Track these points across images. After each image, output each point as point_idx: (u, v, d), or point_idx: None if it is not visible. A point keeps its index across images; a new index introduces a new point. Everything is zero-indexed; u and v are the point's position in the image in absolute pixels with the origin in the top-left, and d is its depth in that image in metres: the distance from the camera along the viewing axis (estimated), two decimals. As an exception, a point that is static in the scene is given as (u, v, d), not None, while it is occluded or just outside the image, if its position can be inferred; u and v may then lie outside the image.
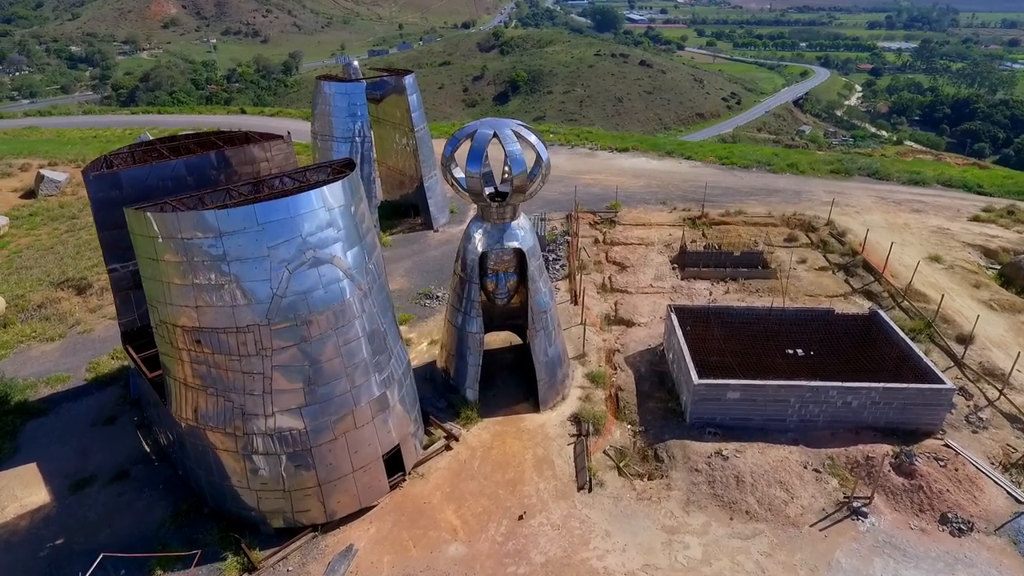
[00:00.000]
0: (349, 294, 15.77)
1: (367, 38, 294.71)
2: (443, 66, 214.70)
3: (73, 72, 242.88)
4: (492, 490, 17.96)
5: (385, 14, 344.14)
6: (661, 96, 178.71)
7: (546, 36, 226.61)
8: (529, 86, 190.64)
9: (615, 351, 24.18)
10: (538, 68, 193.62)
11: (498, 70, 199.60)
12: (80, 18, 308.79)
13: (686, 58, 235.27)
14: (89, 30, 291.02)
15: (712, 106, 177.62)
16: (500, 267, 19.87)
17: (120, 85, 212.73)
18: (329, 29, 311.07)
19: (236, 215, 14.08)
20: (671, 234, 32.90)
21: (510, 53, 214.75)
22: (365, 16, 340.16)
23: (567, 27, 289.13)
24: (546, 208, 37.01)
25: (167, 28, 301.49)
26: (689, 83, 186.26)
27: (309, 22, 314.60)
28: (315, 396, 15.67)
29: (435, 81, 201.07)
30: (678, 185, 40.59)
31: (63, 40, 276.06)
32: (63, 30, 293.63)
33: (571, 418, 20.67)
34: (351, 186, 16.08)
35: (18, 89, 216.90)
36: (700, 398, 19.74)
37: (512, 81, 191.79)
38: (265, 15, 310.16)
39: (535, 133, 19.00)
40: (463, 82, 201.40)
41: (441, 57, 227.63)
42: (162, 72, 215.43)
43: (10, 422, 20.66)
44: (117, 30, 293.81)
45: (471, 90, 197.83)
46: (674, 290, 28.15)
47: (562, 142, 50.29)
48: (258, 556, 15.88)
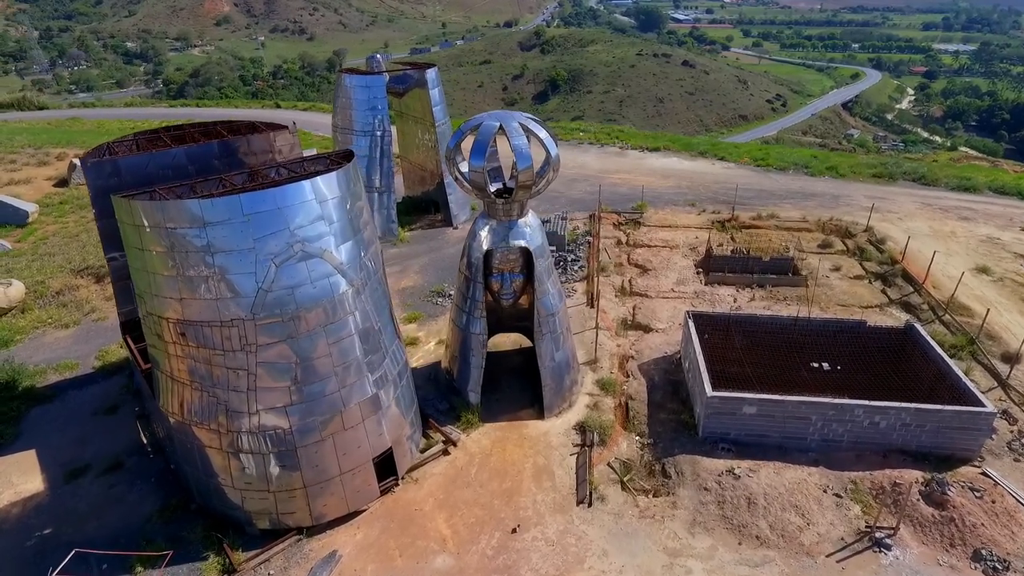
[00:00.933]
0: (340, 290, 15.15)
1: (411, 36, 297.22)
2: (483, 64, 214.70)
3: (128, 67, 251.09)
4: (487, 499, 17.15)
5: (429, 13, 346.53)
6: (703, 97, 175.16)
7: (588, 35, 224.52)
8: (569, 85, 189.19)
9: (629, 357, 23.10)
10: (578, 67, 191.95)
11: (538, 69, 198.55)
12: (136, 15, 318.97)
13: (731, 59, 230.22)
14: (144, 27, 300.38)
15: (756, 108, 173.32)
16: (506, 266, 19.03)
17: (171, 80, 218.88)
18: (374, 27, 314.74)
19: (221, 205, 13.57)
20: (697, 237, 31.55)
21: (551, 52, 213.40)
22: (409, 15, 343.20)
23: (610, 27, 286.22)
24: (570, 207, 36.02)
25: (219, 25, 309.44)
26: (732, 84, 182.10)
27: (354, 20, 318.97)
28: (302, 395, 15.10)
29: (475, 79, 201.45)
30: (709, 186, 39.09)
31: (119, 36, 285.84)
32: (120, 27, 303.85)
33: (576, 427, 19.71)
34: (347, 178, 15.47)
35: (76, 83, 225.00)
36: (713, 411, 18.56)
37: (552, 80, 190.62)
38: (312, 13, 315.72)
39: (544, 127, 18.11)
40: (503, 80, 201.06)
41: (482, 55, 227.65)
42: (212, 68, 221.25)
43: (15, 408, 20.73)
44: (170, 27, 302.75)
45: (510, 89, 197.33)
46: (696, 295, 26.87)
47: (592, 140, 49.13)
48: (240, 557, 15.41)
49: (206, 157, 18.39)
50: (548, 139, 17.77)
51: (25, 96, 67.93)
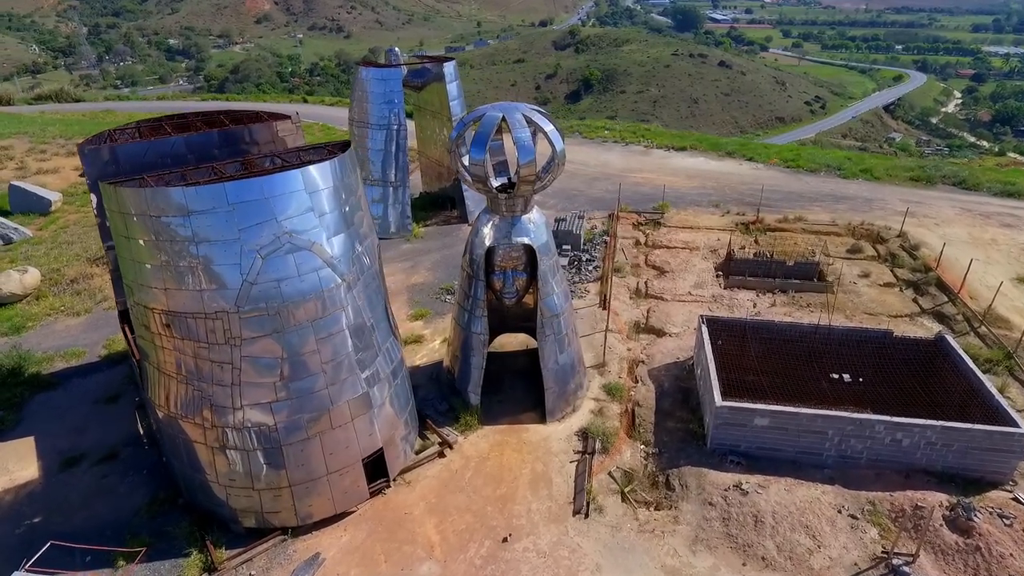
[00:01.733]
0: (330, 284, 14.63)
1: (446, 35, 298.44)
2: (517, 63, 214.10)
3: (171, 63, 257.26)
4: (480, 506, 16.48)
5: (465, 11, 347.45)
6: (739, 98, 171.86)
7: (623, 35, 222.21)
8: (602, 85, 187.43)
9: (639, 362, 22.20)
10: (612, 67, 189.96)
11: (571, 68, 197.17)
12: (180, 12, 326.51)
13: (769, 59, 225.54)
14: (188, 24, 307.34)
15: (793, 110, 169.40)
16: (508, 264, 18.34)
17: (212, 76, 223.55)
18: (410, 26, 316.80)
19: (205, 193, 13.17)
20: (719, 239, 30.40)
21: (585, 51, 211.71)
22: (445, 13, 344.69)
23: (646, 26, 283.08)
24: (589, 206, 35.16)
25: (259, 23, 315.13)
26: (770, 85, 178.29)
27: (391, 19, 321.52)
28: (288, 391, 14.64)
29: (508, 78, 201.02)
30: (735, 187, 37.78)
31: (163, 33, 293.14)
32: (164, 23, 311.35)
33: (579, 432, 18.93)
34: (340, 169, 14.98)
35: (121, 78, 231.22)
36: (723, 422, 17.59)
37: (585, 80, 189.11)
38: (350, 11, 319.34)
39: (551, 120, 17.37)
40: (536, 80, 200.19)
41: (516, 54, 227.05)
42: (251, 65, 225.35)
43: (18, 394, 20.78)
44: (213, 24, 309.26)
45: (543, 88, 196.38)
46: (714, 299, 25.80)
47: (617, 139, 48.05)
48: (222, 555, 15.04)
49: (206, 146, 18.07)
50: (554, 133, 17.02)
51: (63, 88, 69.56)
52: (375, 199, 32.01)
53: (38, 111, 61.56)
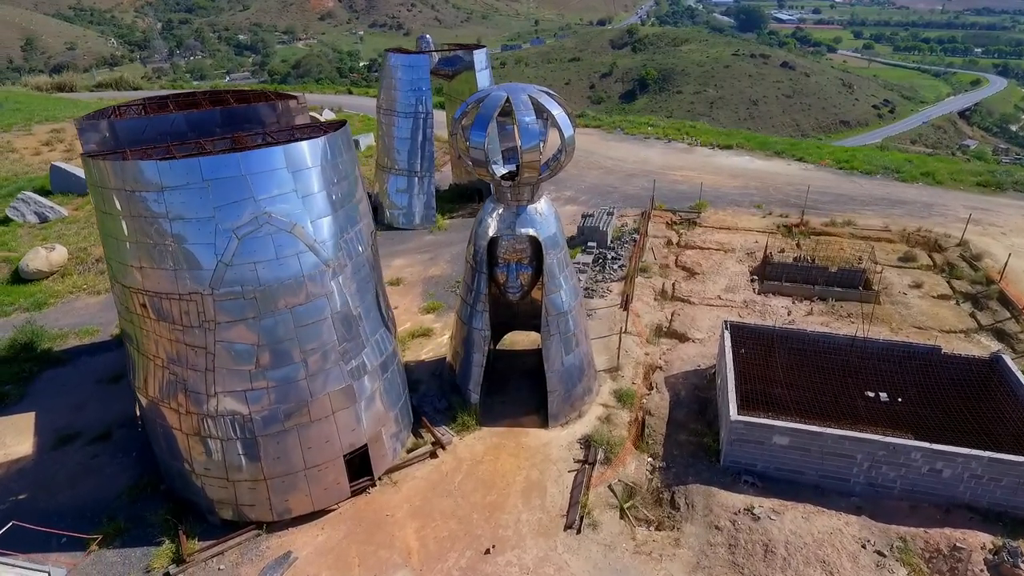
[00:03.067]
0: (311, 270, 13.85)
1: (503, 33, 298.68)
2: (572, 62, 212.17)
3: (238, 58, 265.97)
4: (466, 512, 15.44)
5: (523, 10, 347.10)
6: (802, 100, 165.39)
7: (682, 34, 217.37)
8: (658, 85, 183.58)
9: (656, 368, 20.74)
10: (669, 66, 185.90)
11: (627, 67, 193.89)
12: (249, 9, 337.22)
13: (836, 61, 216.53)
14: (256, 20, 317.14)
15: (860, 113, 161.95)
16: (512, 256, 17.21)
17: (275, 71, 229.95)
18: (468, 24, 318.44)
19: (179, 168, 12.53)
20: (757, 241, 28.48)
21: (642, 51, 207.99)
22: (504, 12, 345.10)
23: (707, 26, 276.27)
24: (623, 203, 33.66)
25: (323, 20, 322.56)
26: (836, 88, 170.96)
27: (449, 17, 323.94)
28: (264, 380, 13.92)
29: (562, 77, 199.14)
30: (780, 188, 35.55)
31: (233, 29, 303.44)
32: (234, 20, 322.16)
33: (582, 440, 17.66)
34: (329, 148, 14.17)
35: (191, 72, 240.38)
36: (738, 438, 16.04)
37: (641, 79, 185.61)
38: (410, 9, 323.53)
39: (560, 104, 16.15)
40: (590, 79, 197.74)
41: (571, 53, 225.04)
42: (312, 60, 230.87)
43: (27, 369, 20.90)
44: (279, 21, 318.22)
45: (598, 87, 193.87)
46: (746, 305, 24.03)
47: (659, 135, 46.18)
48: (193, 547, 14.46)
49: (207, 124, 17.60)
50: (563, 117, 15.80)
51: (122, 76, 72.05)
52: (400, 189, 31.39)
53: (96, 97, 63.80)
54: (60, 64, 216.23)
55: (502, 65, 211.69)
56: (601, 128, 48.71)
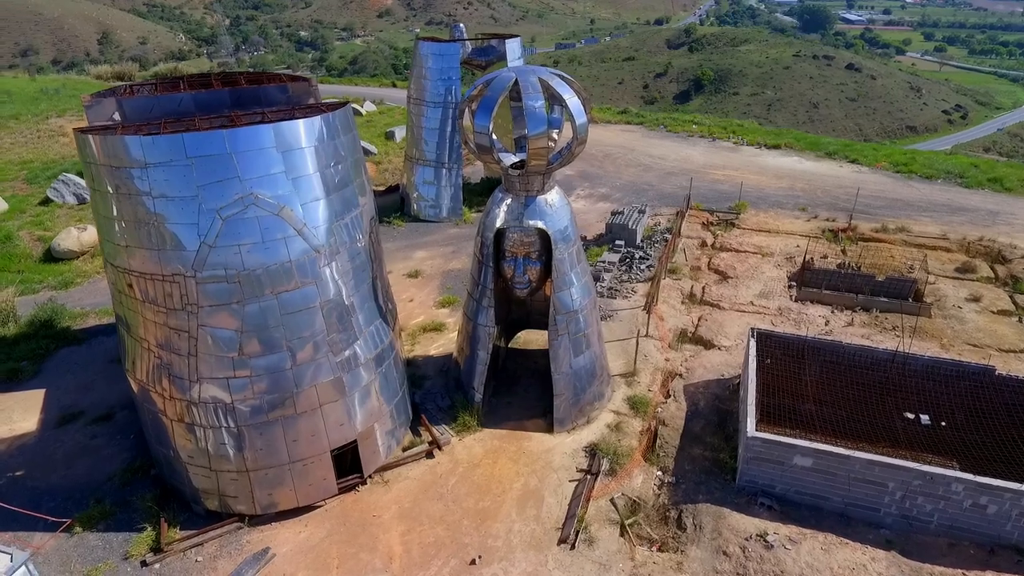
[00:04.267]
0: (299, 255, 13.23)
1: (558, 31, 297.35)
2: (627, 61, 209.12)
3: (298, 54, 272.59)
4: (456, 518, 14.59)
5: (579, 9, 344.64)
6: (866, 104, 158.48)
7: (741, 34, 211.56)
8: (714, 86, 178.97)
9: (676, 375, 19.44)
10: (727, 67, 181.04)
11: (683, 67, 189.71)
12: (311, 6, 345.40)
13: (905, 64, 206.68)
14: (317, 17, 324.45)
15: (928, 119, 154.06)
16: (520, 250, 16.25)
17: (333, 67, 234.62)
18: (523, 22, 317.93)
19: (162, 144, 12.05)
20: (798, 245, 26.69)
21: (699, 50, 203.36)
22: (559, 10, 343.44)
23: (769, 26, 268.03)
24: (659, 201, 32.24)
25: (381, 17, 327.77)
26: (903, 91, 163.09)
27: (505, 15, 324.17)
28: (247, 368, 13.38)
29: (616, 76, 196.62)
30: (829, 191, 33.42)
31: (295, 26, 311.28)
32: (296, 17, 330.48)
33: (588, 448, 16.58)
34: (323, 129, 13.53)
35: (253, 67, 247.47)
36: (755, 456, 14.69)
37: (696, 80, 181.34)
38: (466, 7, 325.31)
39: (574, 89, 15.09)
40: (644, 78, 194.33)
41: (626, 52, 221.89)
42: (368, 57, 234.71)
43: (44, 346, 21.10)
44: (339, 18, 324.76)
45: (651, 87, 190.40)
46: (780, 312, 22.42)
47: (704, 134, 44.32)
48: (174, 535, 14.08)
49: (215, 103, 17.21)
50: (576, 105, 14.74)
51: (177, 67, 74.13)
52: (427, 180, 30.80)
53: (153, 87, 65.58)
54: (133, 57, 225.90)
55: (555, 64, 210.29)
56: (643, 125, 47.13)
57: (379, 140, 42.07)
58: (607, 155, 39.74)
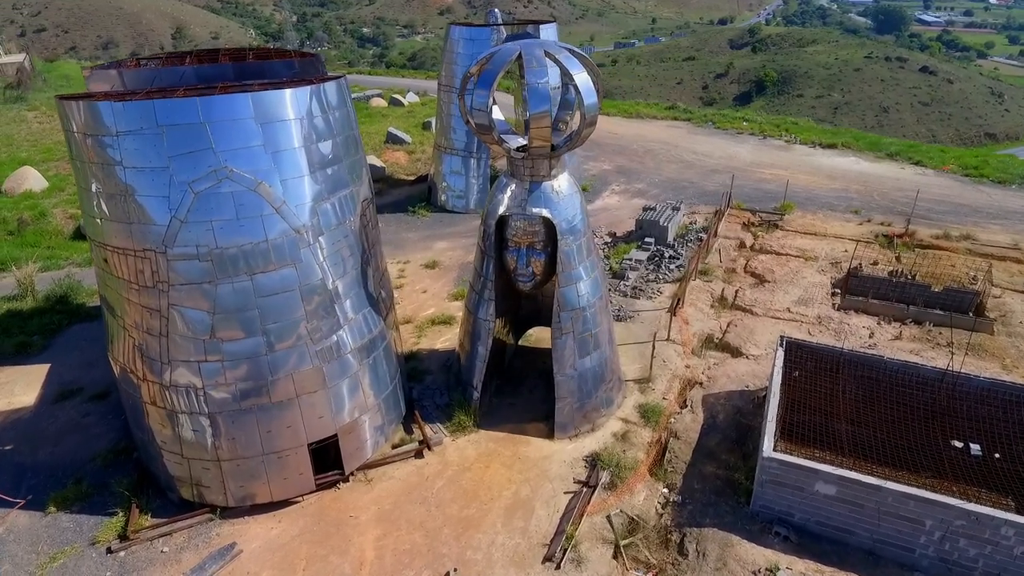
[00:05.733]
0: (276, 235, 12.42)
1: (618, 31, 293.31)
2: (687, 61, 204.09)
3: (360, 50, 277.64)
4: (437, 525, 13.53)
5: (640, 8, 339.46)
6: (941, 109, 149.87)
7: (809, 35, 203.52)
8: (777, 87, 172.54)
9: (696, 384, 17.87)
10: (791, 68, 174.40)
11: (745, 68, 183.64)
12: (375, 4, 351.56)
13: (987, 68, 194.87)
14: (380, 15, 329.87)
15: (1010, 126, 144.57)
16: (523, 240, 15.04)
17: (392, 63, 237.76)
18: (583, 21, 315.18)
19: (133, 111, 11.40)
20: (847, 250, 24.54)
21: (763, 51, 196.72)
22: (620, 9, 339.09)
23: (840, 27, 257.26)
24: (698, 199, 30.44)
25: (442, 15, 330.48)
26: (983, 97, 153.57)
27: (565, 13, 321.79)
28: (219, 352, 12.65)
29: (674, 76, 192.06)
30: (887, 193, 30.86)
31: (358, 22, 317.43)
32: (360, 14, 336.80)
33: (589, 457, 15.25)
34: (314, 101, 12.75)
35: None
36: (771, 479, 13.09)
37: (758, 81, 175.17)
38: (526, 5, 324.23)
39: (588, 66, 13.79)
40: (704, 79, 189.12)
41: (687, 52, 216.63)
42: (427, 53, 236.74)
43: (56, 321, 21.14)
44: (401, 15, 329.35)
45: (711, 88, 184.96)
46: (819, 321, 20.48)
47: (754, 131, 41.96)
48: (143, 523, 13.50)
49: (218, 77, 16.46)
50: (585, 82, 13.43)
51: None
52: (455, 170, 29.89)
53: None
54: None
55: (613, 63, 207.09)
56: (691, 121, 45.07)
57: (416, 130, 41.48)
58: (648, 150, 38.00)
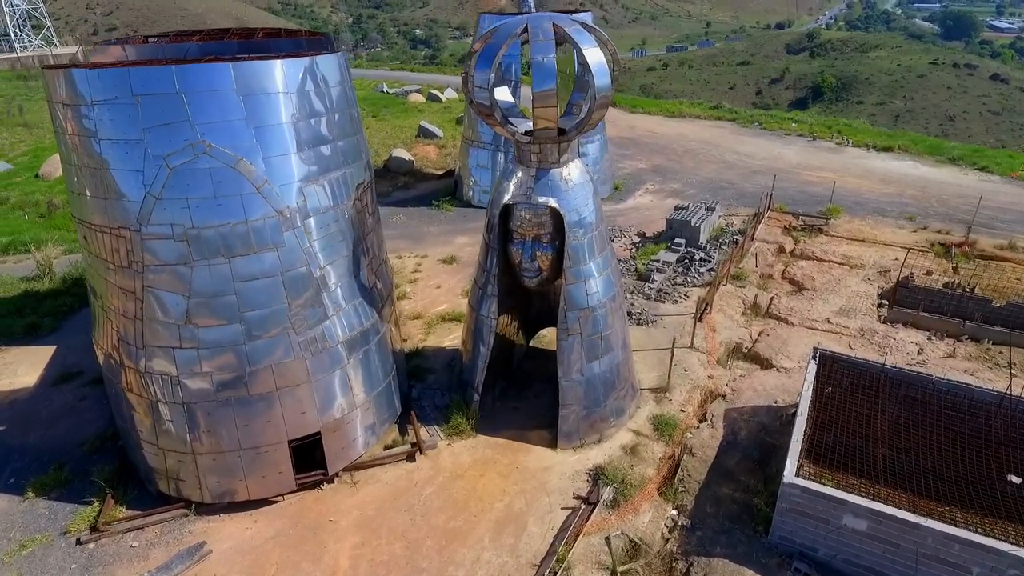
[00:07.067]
0: (257, 216, 11.64)
1: (671, 34, 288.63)
2: (740, 65, 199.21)
3: (412, 51, 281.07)
4: (420, 536, 12.50)
5: (695, 11, 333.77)
6: (1013, 119, 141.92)
7: (871, 40, 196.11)
8: (835, 94, 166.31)
9: (718, 396, 16.39)
10: (852, 74, 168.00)
11: (802, 73, 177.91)
12: (428, 6, 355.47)
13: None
14: (433, 17, 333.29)
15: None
16: (528, 231, 13.90)
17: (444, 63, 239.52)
18: (636, 24, 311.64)
19: (108, 79, 10.75)
20: (897, 258, 22.52)
21: (821, 56, 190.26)
22: (674, 12, 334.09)
23: (905, 32, 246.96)
24: (737, 201, 28.72)
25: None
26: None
27: (617, 17, 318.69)
28: (194, 339, 11.94)
29: (727, 80, 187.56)
30: (947, 200, 28.50)
31: (412, 24, 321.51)
32: (413, 16, 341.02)
33: (593, 471, 13.99)
34: (305, 74, 11.97)
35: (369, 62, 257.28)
36: (792, 508, 11.61)
37: (816, 87, 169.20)
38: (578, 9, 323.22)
39: (602, 42, 12.62)
40: (758, 84, 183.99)
41: (741, 56, 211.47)
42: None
43: (69, 304, 21.05)
44: (453, 18, 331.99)
45: (765, 93, 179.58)
46: (862, 334, 18.68)
47: (803, 132, 39.73)
48: (116, 515, 12.90)
49: (222, 53, 16.04)
50: (596, 56, 12.25)
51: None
52: (481, 164, 28.95)
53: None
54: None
55: (664, 67, 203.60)
56: (736, 121, 43.06)
57: (449, 125, 40.78)
58: (688, 150, 36.30)
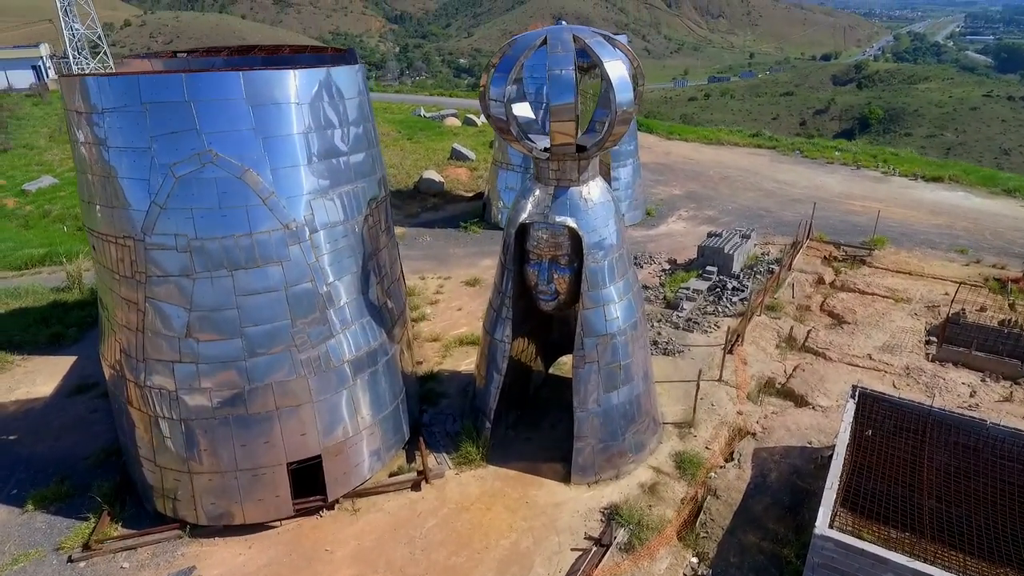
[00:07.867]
0: (262, 228, 11.31)
1: (714, 65, 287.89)
2: (784, 96, 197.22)
3: (455, 80, 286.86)
4: (417, 572, 11.74)
5: (739, 42, 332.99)
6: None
7: (921, 72, 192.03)
8: (883, 125, 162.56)
9: (749, 434, 15.31)
10: (900, 106, 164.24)
11: (848, 104, 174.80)
12: (472, 36, 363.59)
13: None
14: (477, 47, 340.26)
15: None
16: (545, 252, 13.27)
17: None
18: (678, 55, 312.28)
19: (117, 86, 10.66)
20: (947, 293, 21.11)
21: (868, 87, 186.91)
22: (717, 44, 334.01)
23: (956, 64, 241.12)
24: (774, 229, 27.62)
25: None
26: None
27: (660, 47, 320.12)
28: (194, 353, 11.57)
29: (770, 111, 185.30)
30: (1001, 233, 26.86)
31: (456, 54, 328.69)
32: (458, 45, 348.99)
33: (608, 509, 13.07)
34: (318, 85, 11.71)
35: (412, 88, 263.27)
36: (824, 562, 10.49)
37: (862, 118, 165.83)
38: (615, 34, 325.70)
39: (624, 58, 12.08)
40: (802, 114, 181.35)
41: (785, 87, 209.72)
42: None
43: (93, 315, 21.10)
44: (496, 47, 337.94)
45: (809, 123, 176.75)
46: (907, 373, 17.37)
47: (846, 161, 38.38)
48: (110, 532, 12.51)
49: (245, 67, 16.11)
50: (621, 79, 11.71)
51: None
52: (510, 186, 28.55)
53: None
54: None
55: (706, 97, 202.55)
56: (776, 149, 41.93)
57: (483, 148, 40.72)
58: (724, 177, 35.35)
